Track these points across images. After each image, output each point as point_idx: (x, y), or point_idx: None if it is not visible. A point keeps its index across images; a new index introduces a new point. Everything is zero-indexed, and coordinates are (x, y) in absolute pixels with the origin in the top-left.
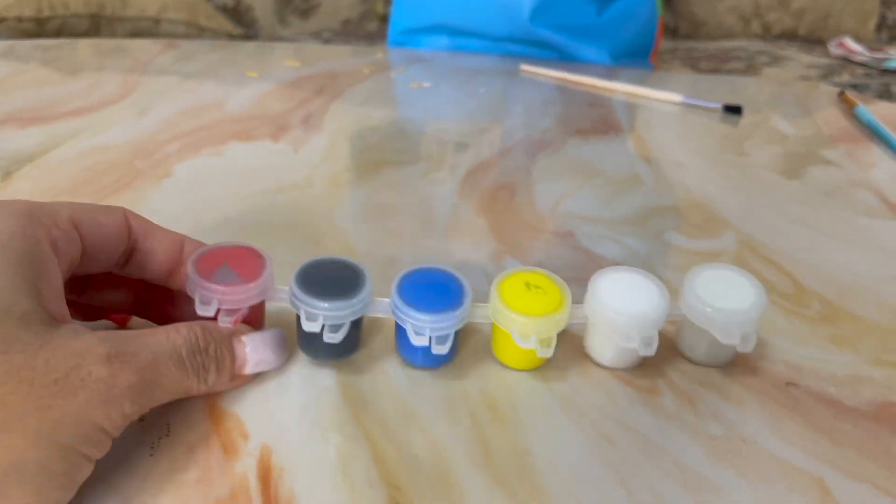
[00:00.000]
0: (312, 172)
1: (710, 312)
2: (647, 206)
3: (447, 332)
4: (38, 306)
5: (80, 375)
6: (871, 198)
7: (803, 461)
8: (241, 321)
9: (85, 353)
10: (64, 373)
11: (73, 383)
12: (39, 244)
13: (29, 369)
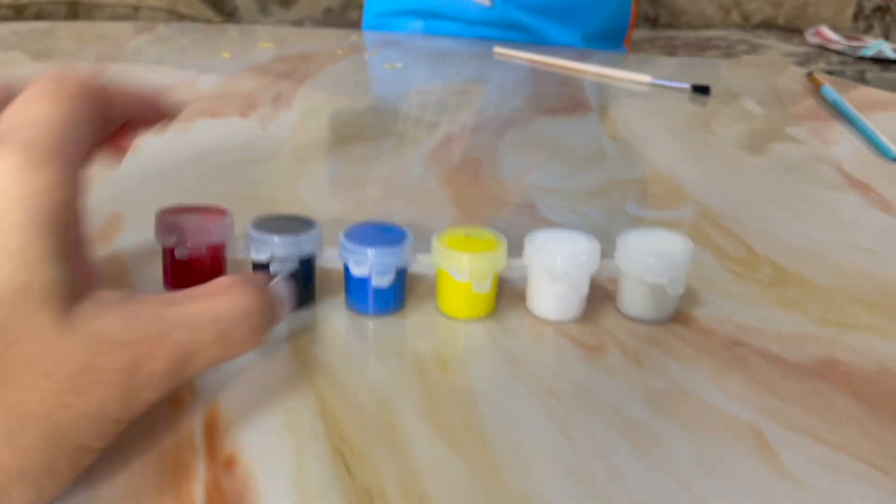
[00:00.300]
0: (279, 147)
1: (638, 258)
2: (609, 179)
3: (388, 266)
4: (64, 274)
5: (101, 366)
6: (831, 171)
7: (743, 413)
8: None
9: (107, 339)
10: (84, 363)
11: (94, 376)
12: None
13: (48, 359)
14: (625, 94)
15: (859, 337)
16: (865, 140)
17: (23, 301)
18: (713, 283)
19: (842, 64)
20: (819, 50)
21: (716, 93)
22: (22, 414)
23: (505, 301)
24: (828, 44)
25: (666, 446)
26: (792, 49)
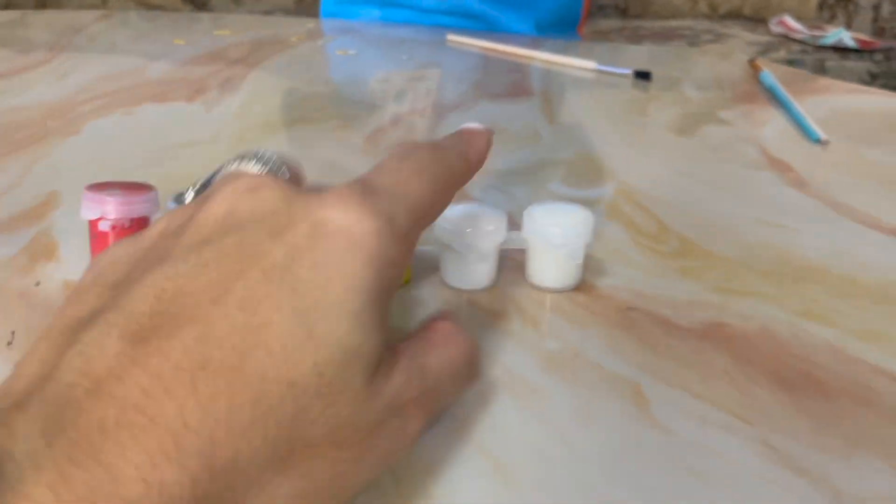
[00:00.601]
0: (221, 130)
1: (542, 228)
2: (539, 160)
3: None
4: (384, 341)
5: (384, 432)
6: (755, 151)
7: (626, 371)
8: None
9: (394, 402)
10: (376, 424)
11: (375, 443)
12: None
13: (350, 426)
14: (569, 80)
15: (748, 302)
16: (794, 123)
17: (351, 363)
18: (621, 254)
19: (802, 53)
20: (782, 39)
21: (658, 79)
22: (307, 485)
23: (422, 273)
24: (790, 33)
25: (548, 401)
26: (756, 38)
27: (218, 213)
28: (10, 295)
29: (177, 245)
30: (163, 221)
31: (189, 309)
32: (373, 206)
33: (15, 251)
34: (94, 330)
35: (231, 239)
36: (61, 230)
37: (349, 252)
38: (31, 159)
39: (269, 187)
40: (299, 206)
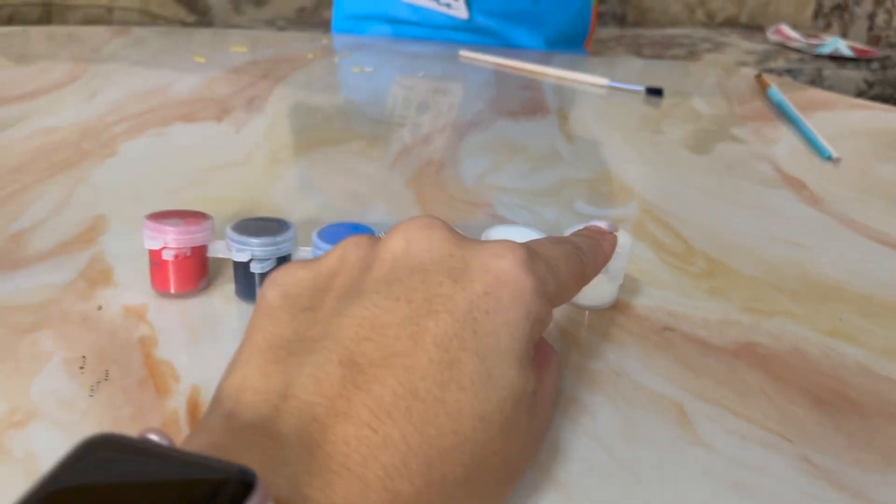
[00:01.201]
0: (253, 150)
1: None
2: (562, 178)
3: None
4: (536, 380)
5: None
6: (769, 169)
7: (667, 389)
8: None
9: (545, 430)
10: (534, 455)
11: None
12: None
13: (520, 459)
14: (583, 97)
15: (777, 322)
16: (804, 140)
17: (521, 403)
18: (651, 274)
19: (800, 62)
20: (779, 48)
21: (667, 94)
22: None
23: None
24: (787, 41)
25: (597, 419)
26: (753, 47)
27: (397, 250)
28: (75, 320)
29: (366, 279)
30: (338, 252)
31: (391, 340)
32: (533, 267)
33: (72, 276)
34: (316, 355)
35: (416, 278)
36: (113, 255)
37: (513, 303)
38: (71, 182)
39: (440, 228)
40: (470, 251)
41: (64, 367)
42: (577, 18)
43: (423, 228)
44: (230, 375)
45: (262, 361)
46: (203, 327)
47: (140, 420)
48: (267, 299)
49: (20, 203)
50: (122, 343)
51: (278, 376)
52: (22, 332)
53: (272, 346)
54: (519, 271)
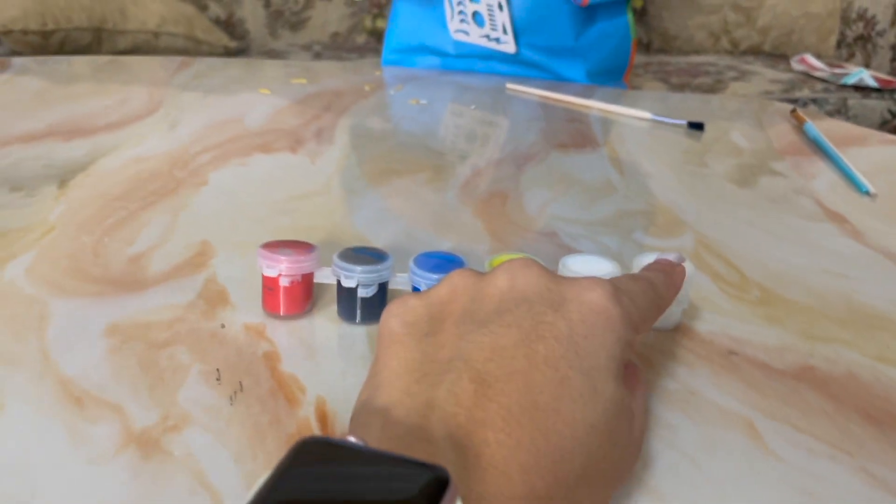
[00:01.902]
0: (329, 181)
1: None
2: (619, 209)
3: None
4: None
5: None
6: (811, 203)
7: (738, 408)
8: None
9: (642, 439)
10: (634, 462)
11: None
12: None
13: (623, 465)
14: (627, 129)
15: (831, 348)
16: (842, 174)
17: (622, 414)
18: (711, 301)
19: (825, 91)
20: (804, 77)
21: (708, 128)
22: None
23: None
24: (812, 71)
25: (679, 434)
26: (778, 76)
27: (503, 286)
28: (203, 336)
29: (480, 309)
30: (447, 284)
31: (509, 360)
32: (619, 299)
33: (192, 296)
34: (451, 374)
35: (523, 308)
36: (225, 277)
37: (606, 328)
38: (173, 209)
39: (537, 266)
40: (565, 285)
41: (202, 379)
42: (618, 52)
43: (522, 267)
44: (377, 396)
45: (404, 383)
46: (316, 344)
47: (279, 426)
48: (391, 328)
49: (132, 228)
50: (249, 357)
51: (422, 394)
52: (158, 347)
53: (408, 370)
54: (608, 302)
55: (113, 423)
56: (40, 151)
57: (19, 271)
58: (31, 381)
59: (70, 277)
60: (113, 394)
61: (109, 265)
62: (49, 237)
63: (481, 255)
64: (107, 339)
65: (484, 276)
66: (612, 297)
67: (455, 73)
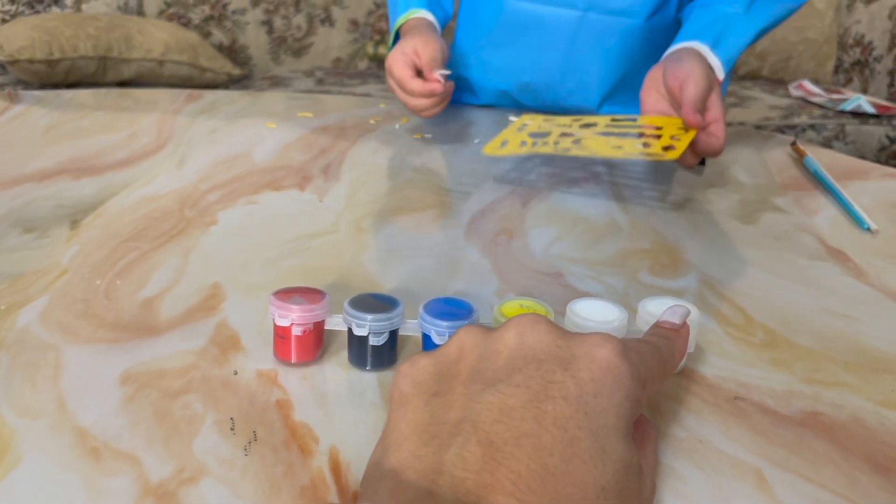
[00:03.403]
0: (337, 219)
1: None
2: (623, 249)
3: None
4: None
5: None
6: (813, 241)
7: (746, 456)
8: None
9: (652, 497)
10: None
11: None
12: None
13: None
14: (630, 164)
15: (836, 392)
16: (843, 210)
17: (632, 474)
18: (717, 345)
19: (823, 118)
20: (802, 103)
21: (710, 162)
22: None
23: None
24: (809, 97)
25: (688, 484)
26: (777, 101)
27: (511, 343)
28: (216, 384)
29: (488, 368)
30: (456, 343)
31: (518, 422)
32: (628, 355)
33: (204, 342)
34: (459, 437)
35: (532, 367)
36: (236, 322)
37: (616, 386)
38: (184, 250)
39: (545, 322)
40: (574, 342)
41: (216, 429)
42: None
43: (531, 324)
44: (386, 459)
45: (412, 446)
46: (328, 392)
47: (293, 477)
48: (401, 390)
49: (144, 270)
50: (262, 406)
51: (430, 457)
52: (173, 395)
53: (416, 431)
54: (617, 359)
55: (129, 475)
56: (52, 191)
57: (34, 316)
58: (47, 432)
59: (84, 322)
60: (129, 445)
61: (122, 309)
62: (62, 280)
63: (490, 298)
64: (121, 387)
65: (492, 333)
66: (620, 354)
67: (458, 106)
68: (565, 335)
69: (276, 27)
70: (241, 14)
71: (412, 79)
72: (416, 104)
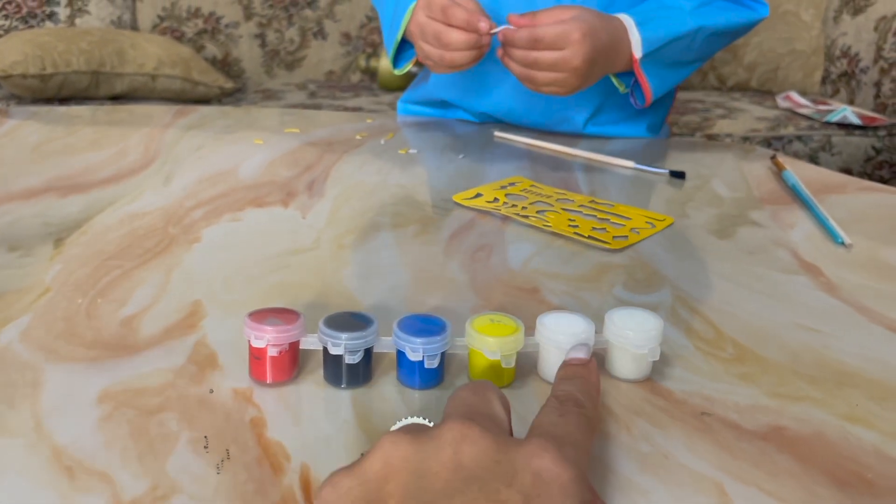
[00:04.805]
0: (319, 236)
1: (620, 331)
2: (600, 263)
3: (435, 351)
4: None
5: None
6: (787, 255)
7: (708, 471)
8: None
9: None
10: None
11: None
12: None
13: None
14: (611, 178)
15: (801, 407)
16: (819, 224)
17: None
18: (686, 360)
19: (810, 129)
20: (789, 114)
21: (690, 176)
22: None
23: (520, 369)
24: (797, 108)
25: (650, 498)
26: (764, 113)
27: (447, 461)
28: (192, 402)
29: (427, 491)
30: (380, 455)
31: None
32: (566, 457)
33: (182, 360)
34: None
35: (474, 488)
36: (215, 340)
37: (563, 495)
38: (167, 267)
39: (478, 428)
40: (513, 453)
41: (191, 447)
42: (671, 101)
43: (464, 437)
44: None
45: None
46: (302, 409)
47: (263, 495)
48: None
49: (125, 288)
50: (236, 424)
51: None
52: (149, 413)
53: None
54: (560, 467)
55: (103, 494)
56: (38, 209)
57: (15, 335)
58: (24, 451)
59: (64, 341)
60: (104, 463)
61: (102, 328)
62: (45, 299)
63: (466, 314)
64: (99, 405)
65: (422, 444)
66: (562, 462)
67: (445, 121)
68: (502, 445)
69: (269, 40)
70: (234, 28)
71: (449, 30)
72: (453, 58)
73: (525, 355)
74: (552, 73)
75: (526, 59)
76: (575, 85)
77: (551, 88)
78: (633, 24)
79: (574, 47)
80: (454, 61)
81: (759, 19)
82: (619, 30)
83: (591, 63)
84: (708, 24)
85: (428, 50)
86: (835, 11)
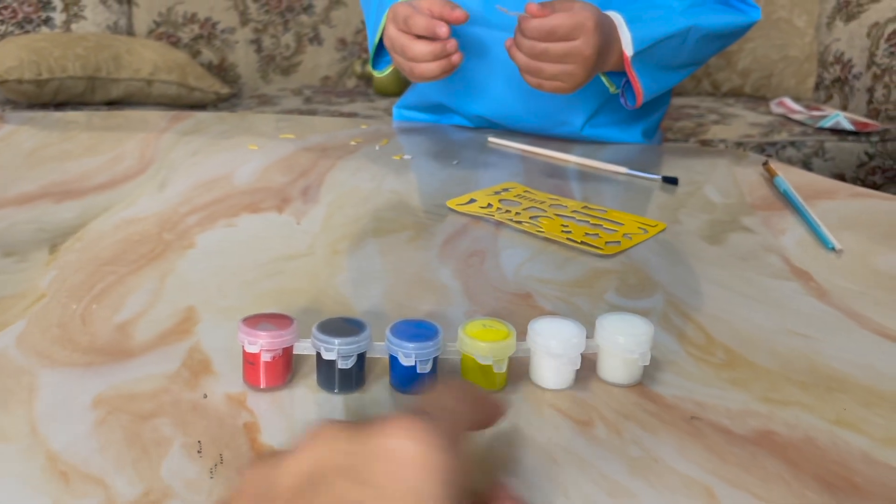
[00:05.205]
0: (314, 242)
1: (612, 336)
2: (592, 268)
3: (427, 356)
4: None
5: None
6: (778, 261)
7: (699, 475)
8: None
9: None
10: None
11: None
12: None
13: None
14: (604, 184)
15: (790, 412)
16: (810, 230)
17: None
18: (677, 365)
19: (803, 134)
20: (783, 120)
21: (682, 182)
22: None
23: (512, 374)
24: (790, 114)
25: (640, 501)
26: (758, 119)
27: (293, 469)
28: (186, 408)
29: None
30: (235, 491)
31: None
32: (426, 431)
33: (176, 366)
34: None
35: (321, 493)
36: (209, 346)
37: (422, 476)
38: (160, 274)
39: (333, 434)
40: (363, 439)
41: (184, 452)
42: (665, 106)
43: (312, 437)
44: None
45: None
46: (295, 414)
47: None
48: None
49: (120, 294)
50: (230, 429)
51: None
52: (143, 418)
53: None
54: (417, 449)
55: (97, 498)
56: (33, 214)
57: (10, 341)
58: (19, 455)
59: (59, 347)
60: (98, 468)
61: (97, 333)
62: (40, 304)
63: (459, 320)
64: (93, 410)
65: (278, 458)
66: (419, 441)
67: (440, 127)
68: (351, 434)
69: (264, 46)
70: (230, 33)
71: (413, 42)
72: (422, 71)
73: (517, 361)
74: (560, 64)
75: (534, 49)
76: (580, 79)
77: (555, 83)
78: (623, 22)
79: (587, 36)
80: (423, 74)
81: (752, 23)
82: (611, 27)
83: (599, 55)
84: (699, 24)
85: (399, 62)
86: (828, 18)
